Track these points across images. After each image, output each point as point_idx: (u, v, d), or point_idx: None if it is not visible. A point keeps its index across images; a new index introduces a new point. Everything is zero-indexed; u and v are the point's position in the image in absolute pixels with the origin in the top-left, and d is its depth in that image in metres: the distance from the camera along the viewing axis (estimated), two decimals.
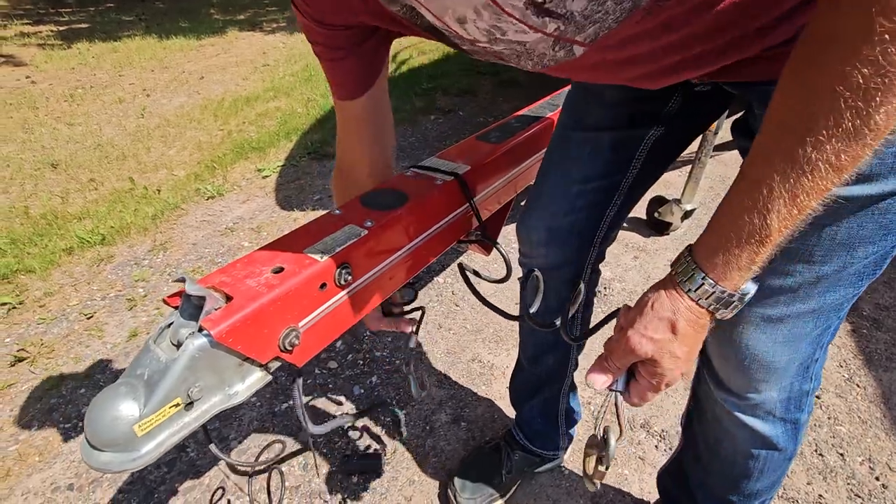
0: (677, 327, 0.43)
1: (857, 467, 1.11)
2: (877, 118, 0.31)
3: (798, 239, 0.49)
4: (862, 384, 1.31)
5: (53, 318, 1.56)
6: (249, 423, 1.22)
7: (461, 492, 1.02)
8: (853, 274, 0.50)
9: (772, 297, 0.53)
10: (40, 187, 2.34)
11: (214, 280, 0.50)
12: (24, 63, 4.39)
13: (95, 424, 0.42)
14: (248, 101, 3.40)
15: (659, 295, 0.44)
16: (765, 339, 0.56)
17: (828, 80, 0.32)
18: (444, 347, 1.44)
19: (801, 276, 0.51)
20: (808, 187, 0.35)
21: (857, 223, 0.46)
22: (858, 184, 0.44)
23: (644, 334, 0.44)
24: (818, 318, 0.54)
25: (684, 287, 0.43)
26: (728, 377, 0.63)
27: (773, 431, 0.66)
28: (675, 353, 0.44)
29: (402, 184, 0.72)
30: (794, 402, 0.63)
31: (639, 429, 1.20)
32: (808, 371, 0.61)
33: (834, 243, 0.48)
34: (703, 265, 0.41)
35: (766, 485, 0.73)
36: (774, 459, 0.69)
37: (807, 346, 0.57)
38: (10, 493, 1.07)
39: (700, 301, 0.42)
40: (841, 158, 0.33)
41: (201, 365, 0.45)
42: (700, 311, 0.43)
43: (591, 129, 0.71)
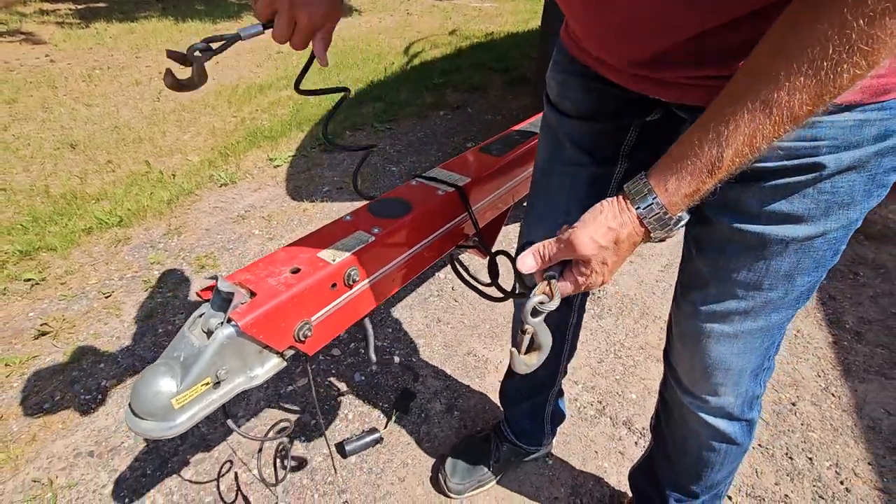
0: (619, 238, 0.48)
1: (824, 471, 1.19)
2: (844, 78, 0.36)
3: (752, 272, 0.58)
4: (837, 394, 1.38)
5: (74, 295, 1.65)
6: (257, 403, 1.30)
7: (451, 476, 1.10)
8: (793, 299, 0.60)
9: (729, 316, 0.63)
10: (60, 167, 2.43)
11: (240, 277, 0.58)
12: (44, 41, 4.45)
13: (140, 397, 0.49)
14: (262, 88, 3.46)
15: (611, 207, 0.48)
16: (724, 350, 0.66)
17: (824, 29, 0.35)
18: (442, 341, 1.51)
19: (753, 301, 0.60)
20: (766, 131, 0.40)
21: (797, 259, 0.56)
22: (797, 224, 0.53)
23: (592, 237, 0.48)
24: (765, 335, 0.64)
25: (634, 204, 0.47)
26: (693, 382, 0.73)
27: (731, 429, 0.76)
28: (606, 260, 0.49)
29: (406, 193, 0.79)
30: (748, 404, 0.74)
31: (621, 426, 1.28)
32: (758, 378, 0.71)
33: (779, 275, 0.57)
34: (655, 187, 0.46)
35: (725, 474, 0.84)
36: (733, 452, 0.80)
37: (756, 357, 0.67)
38: (37, 455, 1.17)
39: (644, 219, 0.47)
40: (802, 108, 0.38)
41: (228, 351, 0.53)
42: (640, 230, 0.48)
43: (567, 164, 0.75)
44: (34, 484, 1.11)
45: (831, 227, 0.54)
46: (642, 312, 1.63)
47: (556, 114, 0.74)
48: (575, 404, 1.33)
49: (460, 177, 0.85)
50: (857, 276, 1.77)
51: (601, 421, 1.29)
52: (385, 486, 1.13)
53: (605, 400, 1.34)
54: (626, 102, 0.64)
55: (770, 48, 0.39)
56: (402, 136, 2.80)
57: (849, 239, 0.57)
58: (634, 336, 1.54)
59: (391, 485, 1.13)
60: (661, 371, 1.44)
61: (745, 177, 0.54)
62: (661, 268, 1.83)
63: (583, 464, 1.19)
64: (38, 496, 1.09)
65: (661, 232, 0.48)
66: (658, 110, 0.65)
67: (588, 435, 1.25)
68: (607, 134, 0.70)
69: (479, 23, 5.50)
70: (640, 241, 0.49)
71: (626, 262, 1.85)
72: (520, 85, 3.53)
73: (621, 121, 0.68)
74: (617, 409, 1.31)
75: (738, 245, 0.58)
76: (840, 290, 1.72)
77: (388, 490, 1.12)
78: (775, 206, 0.53)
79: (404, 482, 1.14)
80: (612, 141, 0.71)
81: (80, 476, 1.13)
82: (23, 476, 1.13)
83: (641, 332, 1.56)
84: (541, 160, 0.80)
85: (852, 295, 1.70)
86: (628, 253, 0.50)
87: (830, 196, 0.51)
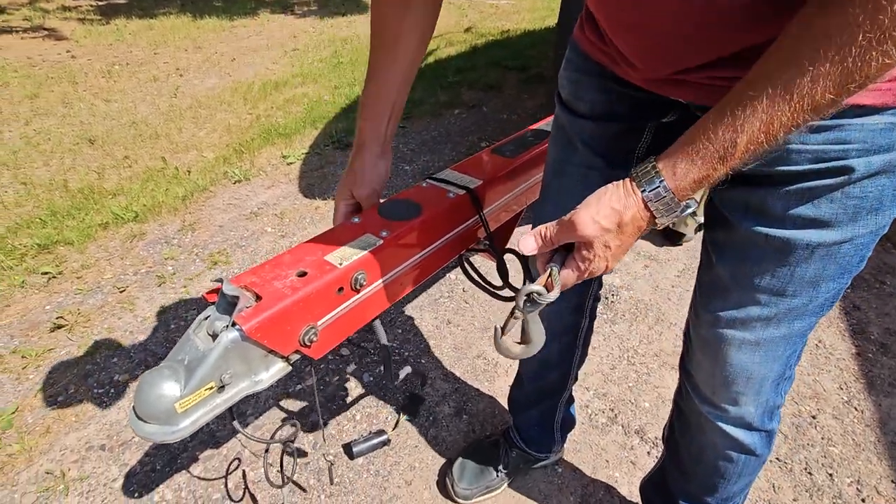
0: (623, 221, 0.46)
1: (844, 488, 1.14)
2: (872, 66, 0.34)
3: (776, 278, 0.56)
4: (860, 408, 1.33)
5: (89, 289, 1.67)
6: (265, 402, 1.31)
7: (459, 481, 1.08)
8: (817, 306, 0.59)
9: (750, 323, 0.61)
10: (78, 162, 2.47)
11: (246, 280, 0.57)
12: (65, 37, 4.54)
13: (143, 399, 0.49)
14: (277, 85, 3.47)
15: (616, 188, 0.47)
16: (745, 358, 0.64)
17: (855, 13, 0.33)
18: (452, 343, 1.50)
19: (776, 308, 0.58)
20: (784, 118, 0.38)
21: (823, 265, 0.54)
22: (824, 229, 0.51)
23: (594, 217, 0.46)
24: (787, 342, 0.62)
25: (641, 186, 0.45)
26: (713, 392, 0.71)
27: (750, 439, 0.73)
28: (609, 243, 0.47)
29: (417, 195, 0.77)
30: (768, 415, 0.71)
31: (633, 434, 1.25)
32: (779, 388, 0.69)
33: (803, 281, 0.55)
34: (663, 169, 0.44)
35: (741, 486, 0.81)
36: (751, 463, 0.77)
37: (778, 365, 0.65)
38: (50, 447, 1.18)
39: (649, 203, 0.45)
40: (825, 97, 0.36)
41: (233, 355, 0.52)
42: (645, 214, 0.46)
43: (578, 165, 0.73)
44: (47, 475, 1.13)
45: (859, 232, 0.52)
46: (657, 318, 1.59)
47: (568, 114, 0.72)
48: (586, 411, 1.30)
49: (472, 179, 0.84)
50: (884, 286, 1.71)
51: (613, 429, 1.26)
52: (392, 490, 1.12)
53: (618, 408, 1.31)
54: (642, 103, 0.62)
55: (796, 32, 0.37)
56: (415, 135, 2.78)
57: (875, 245, 0.55)
58: (648, 343, 1.51)
59: (398, 488, 1.12)
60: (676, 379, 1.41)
61: (771, 180, 0.52)
62: (676, 273, 1.79)
63: (593, 472, 1.16)
64: (50, 487, 1.10)
65: (667, 217, 0.46)
66: (675, 112, 0.62)
67: (599, 443, 1.23)
68: (621, 135, 0.68)
69: (495, 20, 5.46)
70: (644, 226, 0.47)
71: (641, 266, 1.82)
72: (536, 84, 3.49)
73: (636, 122, 0.66)
74: (629, 417, 1.29)
75: (762, 250, 0.55)
76: (865, 299, 1.66)
77: (394, 493, 1.11)
78: (801, 210, 0.51)
79: (411, 486, 1.13)
80: (626, 143, 0.68)
81: (92, 469, 1.14)
82: (36, 467, 1.14)
83: (656, 338, 1.52)
84: (551, 161, 0.78)
85: (878, 305, 1.64)
86: (632, 238, 0.48)
87: (859, 201, 0.49)
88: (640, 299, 1.67)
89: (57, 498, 1.09)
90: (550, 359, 0.97)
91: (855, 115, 0.46)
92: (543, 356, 0.99)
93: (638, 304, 1.65)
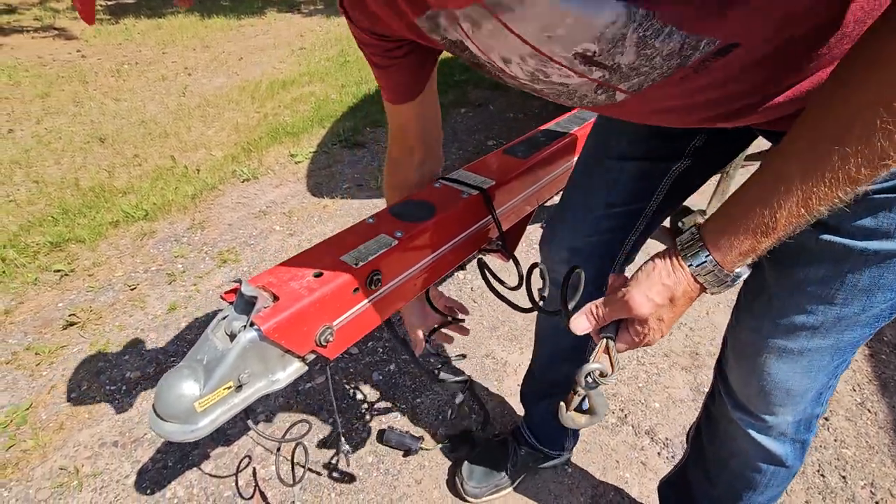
0: (675, 296, 0.47)
1: (858, 490, 1.14)
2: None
3: (825, 284, 0.53)
4: (874, 409, 1.32)
5: (101, 287, 1.69)
6: (276, 400, 1.31)
7: (468, 480, 1.09)
8: (871, 317, 0.54)
9: (795, 332, 0.58)
10: (89, 160, 2.49)
11: (264, 280, 0.57)
12: (75, 37, 4.58)
13: (163, 399, 0.49)
14: (284, 84, 3.48)
15: (664, 264, 0.48)
16: (786, 368, 0.60)
17: (871, 97, 0.34)
18: (461, 342, 1.50)
19: (823, 316, 0.55)
20: (821, 193, 0.38)
21: (878, 273, 0.50)
22: (882, 240, 0.48)
23: (647, 295, 0.48)
24: (835, 353, 0.59)
25: (687, 261, 0.46)
26: (748, 399, 0.68)
27: (783, 450, 0.70)
28: (663, 317, 0.49)
29: (430, 196, 0.77)
30: (805, 425, 0.68)
31: (643, 435, 1.24)
32: (821, 397, 0.65)
33: (856, 290, 0.52)
34: (708, 244, 0.45)
35: (769, 497, 0.78)
36: (780, 475, 0.74)
37: (823, 376, 0.61)
38: (64, 444, 1.20)
39: (698, 276, 0.46)
40: (861, 172, 0.36)
41: (251, 355, 0.52)
42: (695, 286, 0.47)
43: (616, 157, 0.73)
44: (61, 471, 1.14)
45: None
46: None
47: None
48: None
49: (484, 179, 0.83)
50: None
51: (623, 430, 1.26)
52: (402, 488, 1.12)
53: (627, 408, 1.31)
54: None
55: (821, 101, 0.38)
56: None
57: None
58: (659, 343, 1.50)
59: (407, 486, 1.12)
60: (686, 380, 1.41)
61: None
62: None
63: (603, 473, 1.16)
64: (64, 483, 1.11)
65: (719, 288, 0.47)
66: None
67: (609, 444, 1.22)
68: (670, 136, 0.68)
69: None
70: (696, 296, 0.48)
71: None
72: None
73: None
74: (639, 417, 1.28)
75: (812, 254, 0.53)
76: None
77: (404, 492, 1.11)
78: (858, 221, 0.49)
79: (421, 484, 1.13)
80: (679, 140, 0.69)
81: (105, 465, 1.15)
82: (51, 463, 1.16)
83: (666, 339, 1.52)
84: (589, 149, 0.79)
85: None
86: (686, 307, 0.49)
87: None
88: None
89: (71, 493, 1.10)
90: (563, 352, 0.96)
91: None
92: (556, 349, 0.99)
93: None
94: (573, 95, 0.51)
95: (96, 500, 1.09)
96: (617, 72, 0.44)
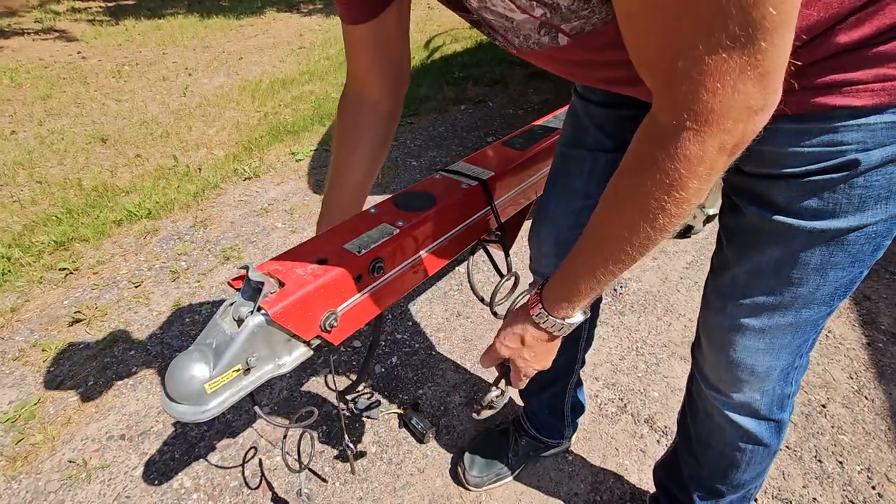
0: (525, 340, 0.60)
1: (854, 475, 1.15)
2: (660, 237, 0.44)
3: (781, 264, 0.56)
4: (871, 397, 1.33)
5: (105, 284, 1.71)
6: (280, 392, 1.33)
7: (470, 469, 1.10)
8: (825, 294, 0.57)
9: (756, 310, 0.61)
10: (91, 160, 2.51)
11: (270, 267, 0.59)
12: (76, 38, 4.59)
13: (175, 381, 0.51)
14: (284, 83, 3.50)
15: (517, 317, 0.60)
16: (749, 345, 0.64)
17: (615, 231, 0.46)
18: (462, 335, 1.52)
19: (781, 295, 0.58)
20: (602, 273, 0.50)
21: (828, 252, 0.54)
22: (828, 219, 0.51)
23: (503, 342, 0.61)
24: (795, 332, 0.62)
25: (531, 313, 0.58)
26: (717, 377, 0.71)
27: (758, 429, 0.73)
28: (524, 356, 0.61)
29: (430, 186, 0.79)
30: (777, 404, 0.71)
31: (642, 423, 1.26)
32: (788, 377, 0.68)
33: (808, 268, 0.55)
34: (544, 298, 0.57)
35: (752, 475, 0.81)
36: (759, 453, 0.77)
37: (786, 355, 0.64)
38: (72, 437, 1.22)
39: (540, 324, 0.58)
40: (619, 264, 0.48)
41: (258, 339, 0.54)
42: (540, 332, 0.59)
43: (588, 148, 0.75)
44: (70, 464, 1.16)
45: (868, 220, 0.51)
46: (666, 310, 1.60)
47: (583, 101, 0.75)
48: (595, 400, 1.32)
49: (483, 170, 0.85)
50: (894, 276, 1.71)
51: (622, 418, 1.27)
52: (405, 477, 1.14)
53: (627, 397, 1.32)
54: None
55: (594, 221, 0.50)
56: (422, 131, 2.80)
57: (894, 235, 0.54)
58: (657, 333, 1.52)
59: (410, 475, 1.14)
60: (685, 370, 1.42)
61: (770, 174, 0.53)
62: (685, 265, 1.80)
63: (603, 461, 1.18)
64: (73, 475, 1.13)
65: (560, 331, 0.58)
66: None
67: (609, 432, 1.24)
68: (634, 120, 0.69)
69: None
70: (546, 339, 0.59)
71: (650, 259, 1.82)
72: (541, 79, 3.49)
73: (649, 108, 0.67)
74: (639, 406, 1.30)
75: (767, 235, 0.56)
76: (875, 289, 1.66)
77: (407, 481, 1.13)
78: (804, 202, 0.52)
79: (424, 473, 1.15)
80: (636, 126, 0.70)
81: (113, 458, 1.17)
82: (59, 456, 1.18)
83: (665, 329, 1.53)
84: (564, 142, 0.80)
85: (888, 295, 1.63)
86: (545, 346, 0.60)
87: (864, 190, 0.49)
88: (648, 291, 1.68)
89: (80, 485, 1.12)
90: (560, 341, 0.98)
91: (849, 116, 0.46)
92: None
93: (647, 295, 1.66)
94: (519, 33, 0.52)
95: (105, 491, 1.11)
96: (557, 11, 0.45)
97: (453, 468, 1.15)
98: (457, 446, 1.20)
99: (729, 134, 0.36)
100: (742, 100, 0.34)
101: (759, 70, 0.33)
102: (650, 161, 0.40)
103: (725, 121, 0.35)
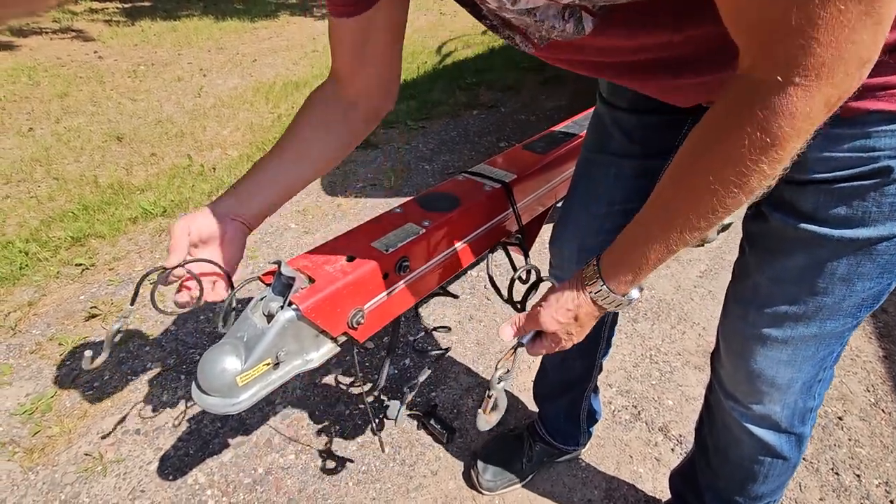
0: (578, 315, 0.56)
1: (872, 489, 1.14)
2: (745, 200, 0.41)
3: (807, 273, 0.55)
4: (888, 410, 1.32)
5: (121, 280, 1.72)
6: (293, 392, 1.34)
7: (483, 473, 1.10)
8: (852, 306, 0.56)
9: (778, 320, 0.59)
10: (107, 158, 2.54)
11: (299, 263, 0.59)
12: (93, 38, 4.66)
13: (207, 373, 0.51)
14: (298, 86, 3.53)
15: (570, 289, 0.56)
16: (770, 355, 0.62)
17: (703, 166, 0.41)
18: (475, 338, 1.52)
19: (805, 305, 0.57)
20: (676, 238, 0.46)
21: (856, 261, 0.52)
22: (856, 227, 0.50)
23: (553, 316, 0.57)
24: (819, 344, 0.60)
25: (587, 288, 0.54)
26: (735, 387, 0.70)
27: (777, 441, 0.71)
28: (571, 331, 0.58)
29: (454, 188, 0.79)
30: (798, 417, 0.69)
31: (657, 431, 1.25)
32: (811, 390, 0.66)
33: (834, 278, 0.54)
34: (603, 272, 0.53)
35: (771, 488, 0.79)
36: (779, 466, 0.75)
37: (809, 367, 0.62)
38: (87, 431, 1.23)
39: (597, 300, 0.54)
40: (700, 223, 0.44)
41: (288, 333, 0.55)
42: (594, 308, 0.55)
43: (613, 154, 0.74)
44: (86, 457, 1.17)
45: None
46: (679, 318, 1.60)
47: (607, 106, 0.74)
48: (609, 407, 1.31)
49: (506, 173, 0.86)
50: None
51: (636, 426, 1.27)
52: (418, 479, 1.14)
53: (641, 405, 1.32)
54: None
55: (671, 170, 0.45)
56: (434, 135, 2.81)
57: None
58: (671, 342, 1.51)
59: (423, 477, 1.14)
60: (700, 379, 1.41)
61: (797, 180, 0.51)
62: (699, 273, 1.79)
63: (617, 468, 1.17)
64: (89, 468, 1.14)
65: (616, 308, 0.55)
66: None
67: (623, 439, 1.23)
68: (661, 127, 0.69)
69: None
70: (598, 314, 0.57)
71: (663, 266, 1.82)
72: (554, 85, 3.50)
73: (677, 115, 0.67)
74: (653, 414, 1.29)
75: (792, 242, 0.55)
76: (892, 301, 1.64)
77: (420, 482, 1.13)
78: (832, 210, 0.51)
79: (437, 476, 1.15)
80: (666, 133, 0.69)
81: (128, 452, 1.18)
82: (75, 449, 1.18)
83: (679, 337, 1.52)
84: (587, 148, 0.79)
85: None
86: (592, 321, 0.58)
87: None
88: (661, 299, 1.67)
89: (95, 478, 1.12)
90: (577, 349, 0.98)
91: (884, 121, 0.45)
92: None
93: (660, 303, 1.65)
94: (541, 27, 0.49)
95: (120, 485, 1.11)
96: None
97: (466, 471, 1.15)
98: (469, 449, 1.20)
99: (837, 87, 0.34)
100: (855, 51, 0.32)
101: (875, 17, 0.31)
102: (748, 119, 0.37)
103: (836, 74, 0.33)
